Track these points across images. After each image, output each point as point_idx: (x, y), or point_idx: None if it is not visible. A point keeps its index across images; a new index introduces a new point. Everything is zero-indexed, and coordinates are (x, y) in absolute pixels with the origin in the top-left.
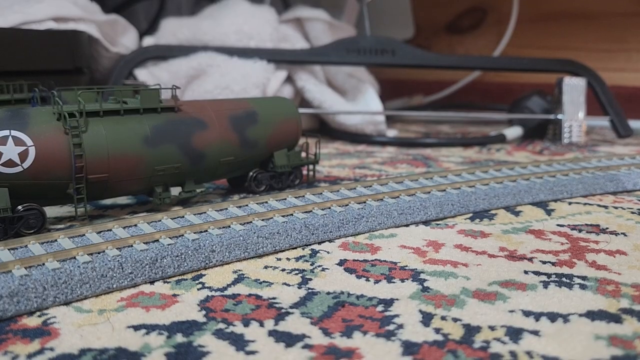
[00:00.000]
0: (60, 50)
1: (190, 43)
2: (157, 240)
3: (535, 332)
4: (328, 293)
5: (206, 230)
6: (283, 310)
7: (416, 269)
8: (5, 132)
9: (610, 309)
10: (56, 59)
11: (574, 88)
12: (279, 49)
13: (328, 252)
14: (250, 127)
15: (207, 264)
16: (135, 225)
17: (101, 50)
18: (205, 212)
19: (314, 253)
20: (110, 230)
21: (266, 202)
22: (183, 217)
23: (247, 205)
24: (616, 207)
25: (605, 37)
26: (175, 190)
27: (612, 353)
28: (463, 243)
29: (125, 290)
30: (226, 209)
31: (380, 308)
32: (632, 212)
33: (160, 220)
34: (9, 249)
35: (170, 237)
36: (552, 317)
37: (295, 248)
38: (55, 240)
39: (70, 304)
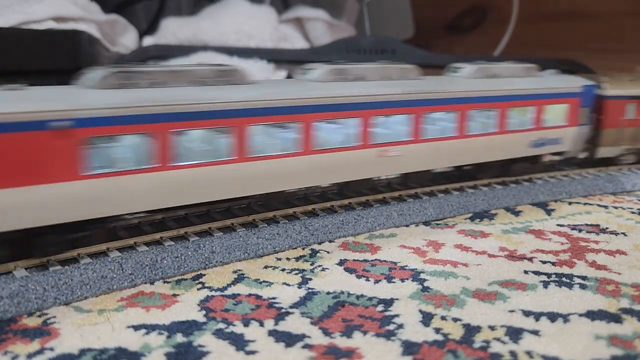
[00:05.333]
0: (60, 50)
1: (190, 43)
2: (158, 241)
3: (535, 332)
4: (328, 293)
5: (207, 231)
6: (283, 310)
7: (416, 268)
8: None
9: (610, 309)
10: (56, 58)
11: None
12: (279, 49)
13: (328, 252)
14: None
15: (207, 264)
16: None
17: (101, 50)
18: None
19: (314, 253)
20: None
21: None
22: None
23: (249, 204)
24: (616, 207)
25: (605, 37)
26: None
27: (612, 353)
28: (463, 243)
29: (125, 290)
30: (227, 208)
31: (380, 308)
32: (632, 212)
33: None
34: None
35: (170, 238)
36: (552, 317)
37: (296, 248)
38: None
39: (70, 304)
